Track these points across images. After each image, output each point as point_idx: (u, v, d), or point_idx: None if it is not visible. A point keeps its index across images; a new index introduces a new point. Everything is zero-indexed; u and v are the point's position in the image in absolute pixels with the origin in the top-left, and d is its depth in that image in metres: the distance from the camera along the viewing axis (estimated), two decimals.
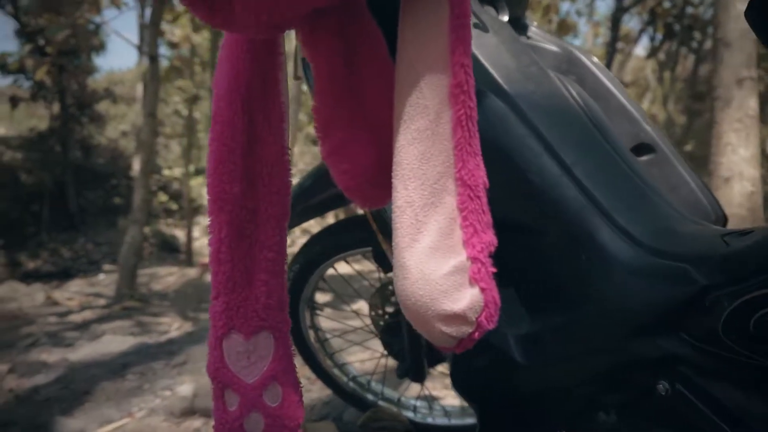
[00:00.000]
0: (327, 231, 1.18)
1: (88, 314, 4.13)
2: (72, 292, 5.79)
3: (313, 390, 1.77)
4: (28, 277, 9.94)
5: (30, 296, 5.36)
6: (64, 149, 12.46)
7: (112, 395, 1.87)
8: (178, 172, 13.62)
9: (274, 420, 0.44)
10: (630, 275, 0.56)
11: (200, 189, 13.62)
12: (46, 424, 1.63)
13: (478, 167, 0.39)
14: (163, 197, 13.61)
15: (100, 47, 10.83)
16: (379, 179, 0.44)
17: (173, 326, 3.80)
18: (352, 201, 0.48)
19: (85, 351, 2.54)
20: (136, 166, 12.72)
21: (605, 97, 0.89)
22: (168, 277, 7.89)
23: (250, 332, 0.45)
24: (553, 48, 0.91)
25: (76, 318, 4.00)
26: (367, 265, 1.40)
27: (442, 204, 0.38)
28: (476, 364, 0.64)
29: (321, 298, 1.43)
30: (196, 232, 12.71)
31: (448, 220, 0.38)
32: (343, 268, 1.31)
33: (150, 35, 4.49)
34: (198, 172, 13.25)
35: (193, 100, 10.61)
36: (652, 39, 10.77)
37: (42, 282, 7.94)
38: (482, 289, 0.38)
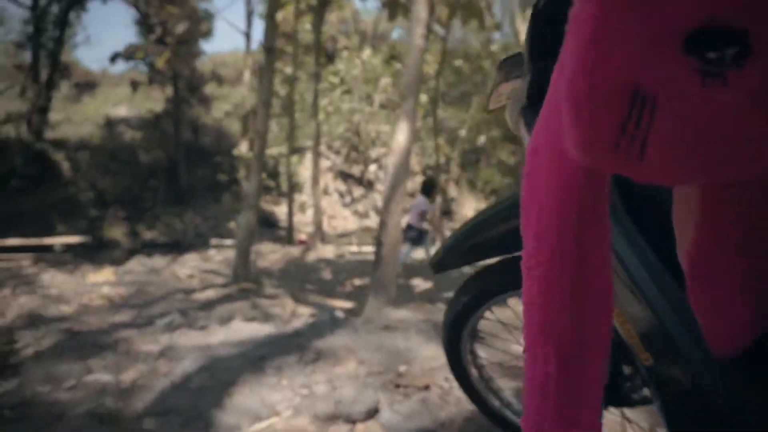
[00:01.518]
0: (507, 262, 1.11)
1: (210, 293, 4.43)
2: (190, 267, 6.25)
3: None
4: (146, 247, 10.92)
5: (155, 271, 5.86)
6: (176, 129, 13.40)
7: (255, 388, 1.97)
8: (275, 150, 14.20)
9: None
10: None
11: (296, 167, 14.13)
12: (203, 416, 1.75)
13: None
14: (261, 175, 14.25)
15: (208, 33, 11.41)
16: None
17: (287, 309, 3.98)
18: None
19: (219, 336, 2.71)
20: (242, 147, 13.44)
21: None
22: (271, 254, 8.30)
23: None
24: None
25: (200, 296, 4.31)
26: None
27: None
28: (694, 402, 0.56)
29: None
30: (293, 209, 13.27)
31: None
32: None
33: (266, 28, 4.63)
34: (293, 151, 13.74)
35: (291, 81, 10.94)
36: None
37: (160, 254, 8.65)
38: None
